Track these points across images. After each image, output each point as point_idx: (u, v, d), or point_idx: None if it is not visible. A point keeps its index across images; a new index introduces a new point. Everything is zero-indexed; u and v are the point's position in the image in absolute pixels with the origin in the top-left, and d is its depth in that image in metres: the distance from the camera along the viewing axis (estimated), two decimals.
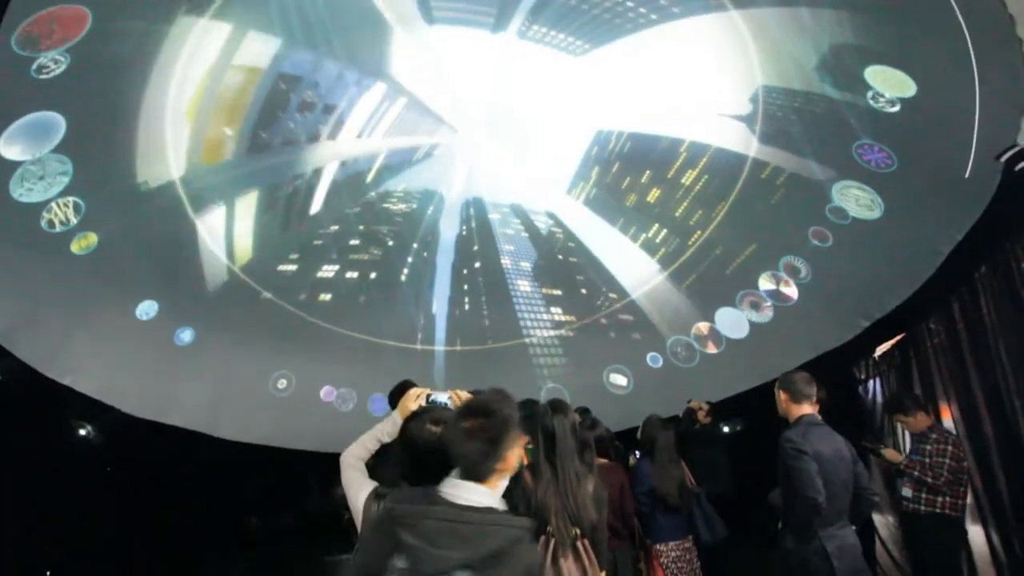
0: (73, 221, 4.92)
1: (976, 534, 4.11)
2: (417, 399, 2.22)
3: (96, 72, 4.45)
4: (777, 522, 3.04)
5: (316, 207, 6.42)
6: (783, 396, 2.99)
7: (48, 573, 4.96)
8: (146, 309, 5.65)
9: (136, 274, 5.57)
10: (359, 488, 1.91)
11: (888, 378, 5.39)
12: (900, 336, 5.24)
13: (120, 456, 5.59)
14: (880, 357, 5.51)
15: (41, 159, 4.51)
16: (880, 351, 5.47)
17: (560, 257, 7.23)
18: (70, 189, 4.79)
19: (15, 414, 4.75)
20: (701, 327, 6.57)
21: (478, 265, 7.34)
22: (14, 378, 4.79)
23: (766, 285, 6.06)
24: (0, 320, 4.83)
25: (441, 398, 2.27)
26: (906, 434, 4.82)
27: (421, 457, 1.88)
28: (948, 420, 4.50)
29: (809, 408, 2.92)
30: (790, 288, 5.92)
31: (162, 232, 5.72)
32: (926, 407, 4.09)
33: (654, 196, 6.48)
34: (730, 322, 6.39)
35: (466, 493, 1.45)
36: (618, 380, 6.94)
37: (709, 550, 3.69)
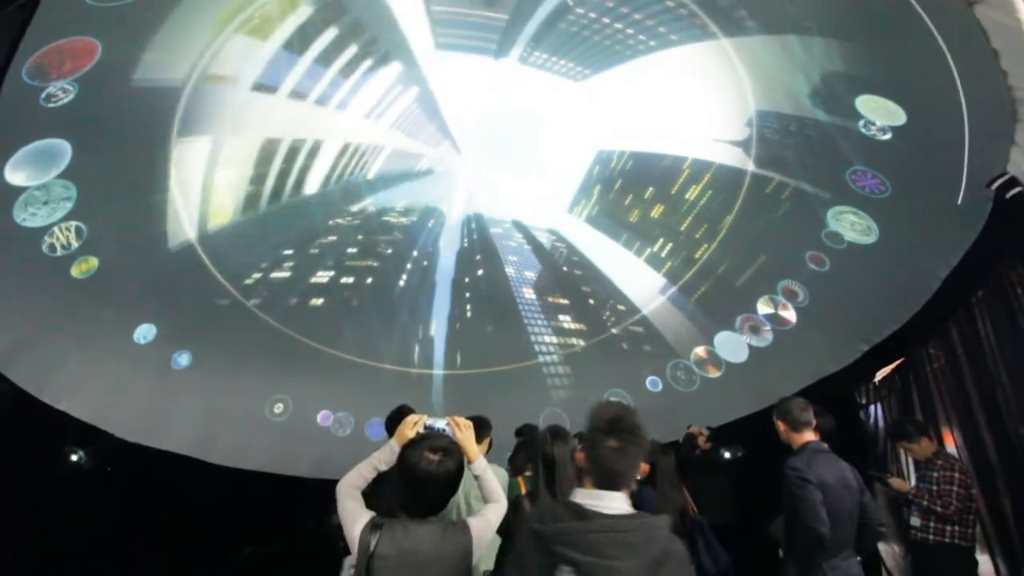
0: (75, 245, 4.94)
1: (983, 563, 4.02)
2: (414, 426, 2.20)
3: (103, 99, 4.53)
4: (778, 550, 2.99)
5: (312, 187, 6.34)
6: (781, 426, 2.96)
7: None
8: (144, 333, 5.63)
9: (136, 297, 5.57)
10: (355, 519, 1.88)
11: (889, 403, 5.37)
12: (899, 361, 5.22)
13: (110, 483, 5.48)
14: (880, 382, 5.49)
15: (46, 185, 4.56)
16: (880, 376, 5.45)
17: (565, 269, 7.27)
18: (73, 214, 4.82)
19: (8, 439, 4.69)
20: (700, 351, 6.55)
21: (481, 272, 7.37)
22: (7, 403, 4.73)
23: (764, 309, 6.07)
24: None
25: (439, 424, 2.25)
26: (910, 461, 4.77)
27: (419, 486, 1.86)
28: (951, 446, 4.46)
29: (810, 435, 2.89)
30: (788, 312, 5.93)
31: (163, 255, 5.74)
32: (929, 433, 4.06)
33: (658, 211, 6.54)
34: (730, 346, 6.38)
35: (610, 503, 1.52)
36: None
37: None
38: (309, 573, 4.96)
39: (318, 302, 6.87)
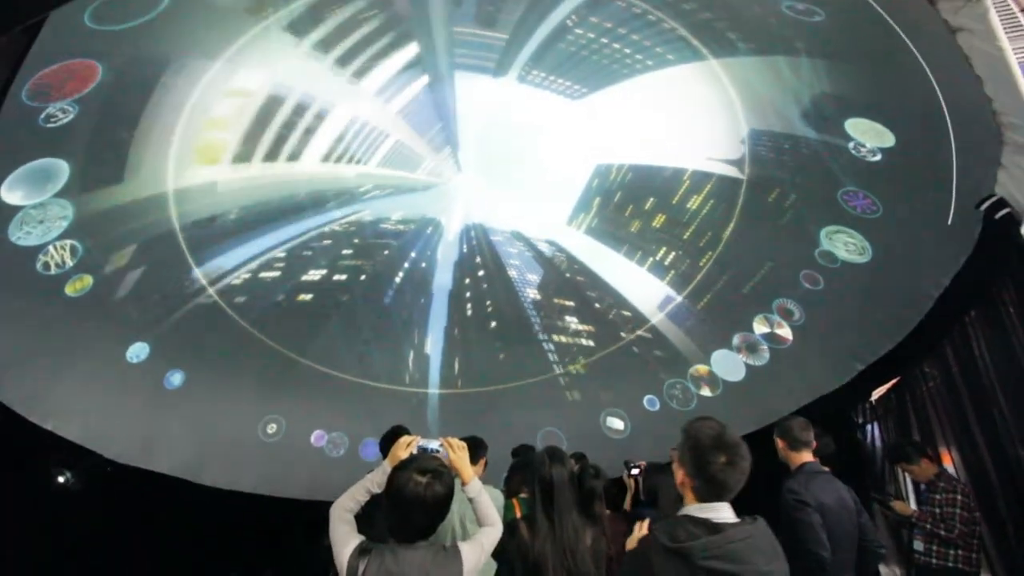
0: (69, 263, 4.93)
1: None
2: (408, 447, 2.17)
3: (103, 120, 4.57)
4: None
5: (314, 157, 6.22)
6: (781, 444, 2.93)
7: None
8: (137, 351, 5.58)
9: (129, 316, 5.54)
10: (345, 543, 1.85)
11: (886, 423, 5.34)
12: (895, 380, 5.22)
13: (97, 504, 5.36)
14: (877, 401, 5.48)
15: (43, 203, 4.57)
16: (876, 395, 5.43)
17: (568, 276, 7.29)
18: (69, 232, 4.82)
19: None
20: (698, 369, 6.54)
21: (482, 274, 7.38)
22: None
23: (760, 328, 6.08)
24: None
25: (432, 445, 2.22)
26: (908, 481, 4.73)
27: (406, 510, 1.81)
28: (950, 466, 4.43)
29: (809, 455, 2.86)
30: (784, 330, 5.94)
31: (158, 273, 5.72)
32: (929, 454, 4.02)
33: (659, 221, 6.58)
34: (726, 365, 6.37)
35: (725, 513, 1.63)
36: (615, 424, 6.84)
37: None
38: None
39: (312, 318, 6.85)
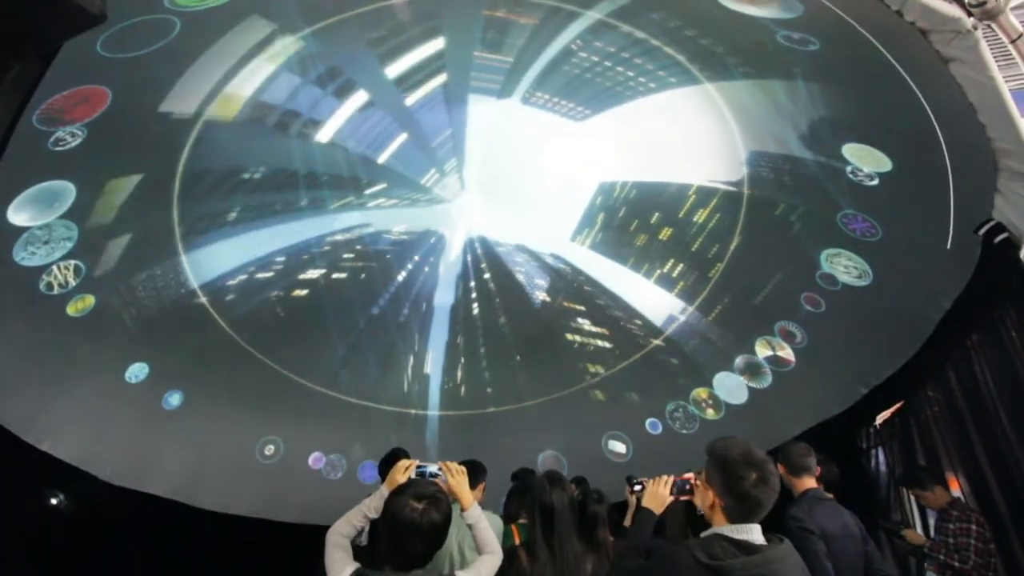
0: (72, 283, 4.95)
1: None
2: (406, 471, 2.15)
3: (110, 143, 4.65)
4: None
5: (327, 135, 6.05)
6: (781, 469, 2.88)
7: None
8: (136, 372, 5.57)
9: (130, 336, 5.54)
10: (339, 570, 1.81)
11: (891, 448, 5.27)
12: (899, 404, 5.18)
13: (89, 528, 5.28)
14: (881, 426, 5.42)
15: (49, 224, 4.62)
16: (881, 419, 5.38)
17: (575, 285, 7.28)
18: (73, 253, 4.86)
19: None
20: (700, 392, 6.50)
21: (487, 286, 7.38)
22: None
23: (763, 351, 6.06)
24: None
25: (431, 468, 2.20)
26: (915, 508, 4.65)
27: (401, 536, 1.77)
28: (957, 492, 4.35)
29: (811, 481, 2.81)
30: (786, 352, 5.92)
31: (161, 293, 5.74)
32: (944, 481, 3.94)
33: (666, 235, 6.59)
34: (729, 387, 6.33)
35: (758, 534, 1.63)
36: (617, 447, 6.77)
37: None
38: None
39: (313, 338, 6.82)
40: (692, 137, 5.82)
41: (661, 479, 2.25)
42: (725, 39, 4.82)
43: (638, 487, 3.90)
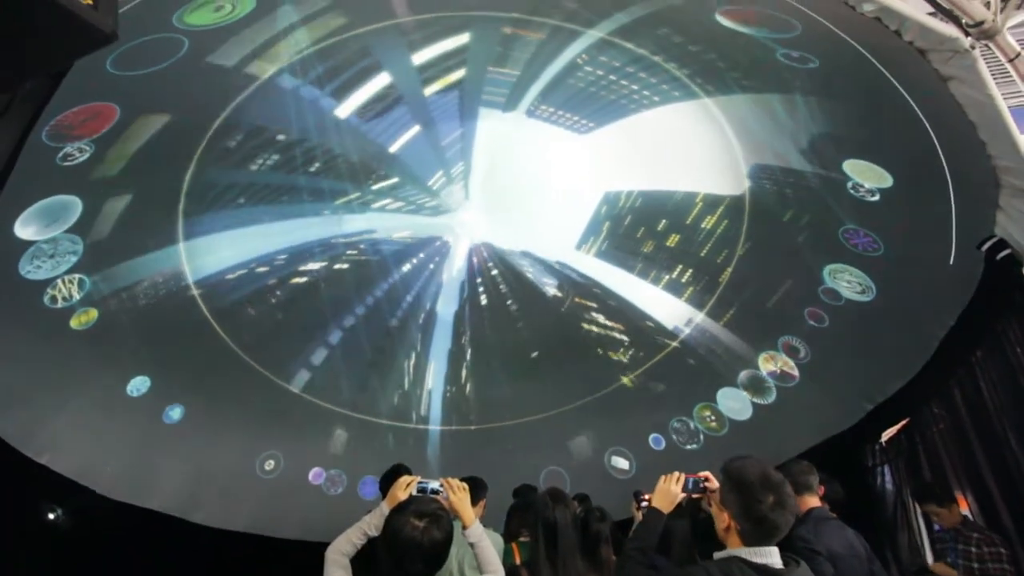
0: (76, 297, 4.97)
1: None
2: (407, 488, 2.14)
3: (118, 157, 4.71)
4: None
5: (347, 109, 5.89)
6: None
7: None
8: (138, 385, 5.55)
9: (132, 349, 5.54)
10: None
11: (897, 466, 5.21)
12: (905, 421, 5.13)
13: (86, 542, 5.23)
14: (888, 443, 5.36)
15: (55, 238, 4.66)
16: (887, 436, 5.33)
17: (580, 294, 7.26)
18: (77, 267, 4.89)
19: None
20: (704, 408, 6.45)
21: (491, 287, 7.39)
22: None
23: (767, 366, 6.03)
24: None
25: (432, 485, 2.19)
26: (923, 529, 4.58)
27: (401, 554, 1.74)
28: (965, 511, 4.28)
29: (815, 500, 2.78)
30: (790, 368, 5.88)
31: (164, 306, 5.75)
32: (955, 498, 3.87)
33: (673, 241, 6.58)
34: (733, 403, 6.28)
35: (777, 558, 1.61)
36: (620, 463, 6.71)
37: None
38: None
39: (315, 352, 6.82)
40: (694, 151, 5.85)
41: (673, 475, 2.16)
42: (726, 55, 4.88)
43: (645, 503, 3.85)
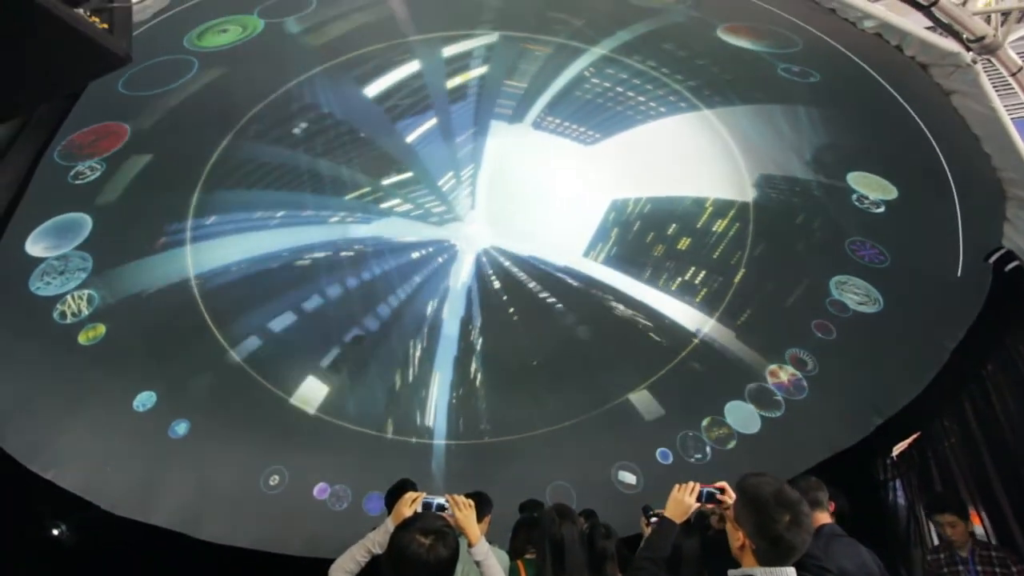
0: (85, 312, 5.02)
1: None
2: (412, 504, 2.13)
3: (129, 175, 4.79)
4: None
5: (374, 90, 5.86)
6: None
7: None
8: (144, 400, 5.57)
9: (139, 364, 5.57)
10: None
11: (910, 480, 5.13)
12: (916, 435, 5.06)
13: (91, 557, 5.21)
14: (899, 457, 5.29)
15: (65, 255, 4.72)
16: (897, 451, 5.26)
17: (588, 303, 7.23)
18: (87, 283, 4.94)
19: None
20: (711, 421, 6.39)
21: (498, 301, 7.38)
22: None
23: (774, 379, 5.98)
24: None
25: (438, 501, 2.18)
26: (936, 542, 4.49)
27: (406, 572, 1.72)
28: (978, 526, 4.20)
29: (824, 516, 2.73)
30: (798, 380, 5.83)
31: (172, 321, 5.78)
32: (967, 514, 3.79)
33: (685, 244, 6.58)
34: (741, 416, 6.22)
35: None
36: (627, 478, 6.63)
37: None
38: None
39: (321, 366, 6.82)
40: (703, 160, 5.86)
41: (687, 485, 2.13)
42: (730, 69, 4.93)
43: (655, 519, 3.80)
